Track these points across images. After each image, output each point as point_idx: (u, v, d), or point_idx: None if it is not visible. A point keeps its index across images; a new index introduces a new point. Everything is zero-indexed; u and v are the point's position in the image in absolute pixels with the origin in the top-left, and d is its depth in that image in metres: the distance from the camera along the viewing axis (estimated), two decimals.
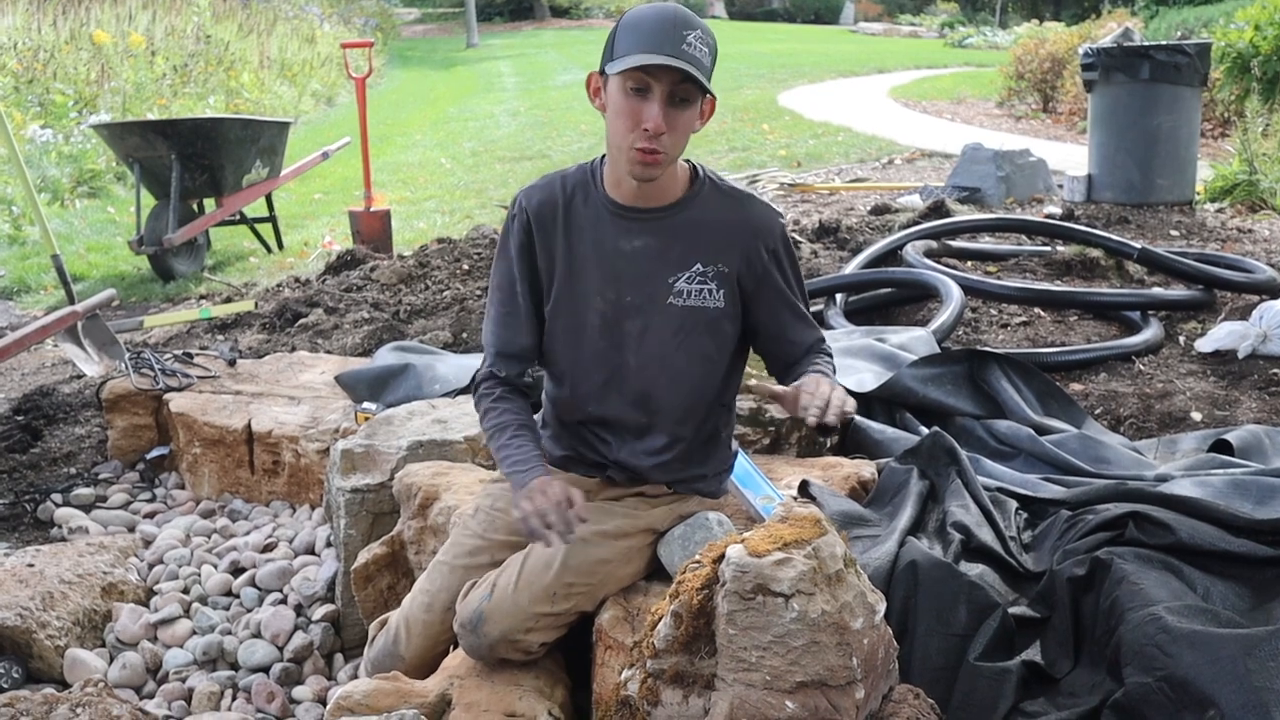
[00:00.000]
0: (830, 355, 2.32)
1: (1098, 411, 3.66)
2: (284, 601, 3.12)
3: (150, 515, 3.65)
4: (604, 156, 2.24)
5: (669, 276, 2.20)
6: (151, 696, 2.82)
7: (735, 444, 2.51)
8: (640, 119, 2.03)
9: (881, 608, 1.76)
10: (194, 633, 3.01)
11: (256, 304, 5.60)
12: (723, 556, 1.71)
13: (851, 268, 5.09)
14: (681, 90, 2.03)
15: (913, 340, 3.87)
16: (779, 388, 2.14)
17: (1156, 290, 4.89)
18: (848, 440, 3.24)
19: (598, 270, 2.21)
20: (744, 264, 2.22)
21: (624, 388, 2.25)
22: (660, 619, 1.77)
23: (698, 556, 1.80)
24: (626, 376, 2.24)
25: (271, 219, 7.92)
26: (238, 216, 7.66)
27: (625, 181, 2.16)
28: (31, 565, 3.03)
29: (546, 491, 2.03)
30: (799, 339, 2.31)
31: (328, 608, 3.05)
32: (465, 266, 5.69)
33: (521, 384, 2.31)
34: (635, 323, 2.22)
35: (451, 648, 2.27)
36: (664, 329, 2.22)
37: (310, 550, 3.31)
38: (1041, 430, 3.30)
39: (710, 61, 2.06)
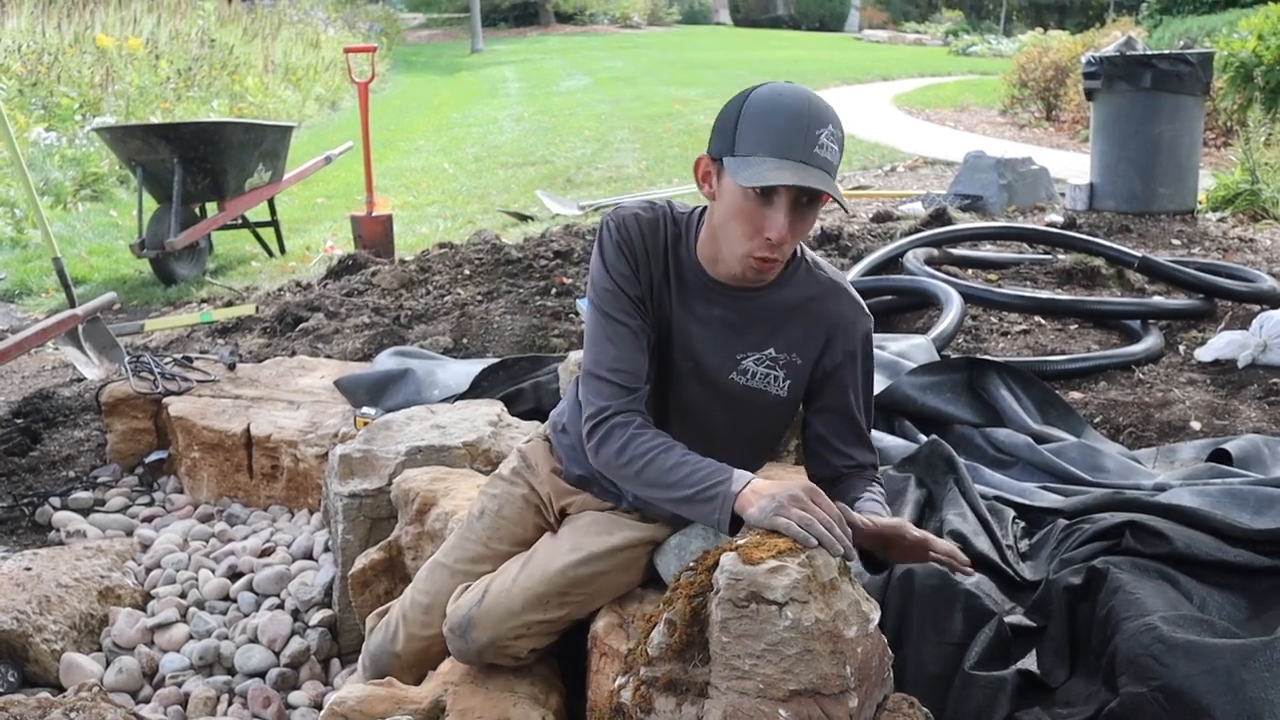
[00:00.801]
0: (882, 488, 2.15)
1: (1097, 420, 3.66)
2: (281, 606, 3.12)
3: (148, 519, 3.65)
4: (703, 211, 2.08)
5: (738, 353, 2.09)
6: (148, 701, 2.82)
7: None
8: (763, 228, 1.89)
9: (876, 616, 1.75)
10: (191, 637, 3.01)
11: (257, 308, 5.61)
12: (717, 564, 1.70)
13: (852, 275, 5.09)
14: (807, 195, 1.89)
15: (912, 348, 3.87)
16: (883, 524, 1.95)
17: (1157, 299, 4.89)
18: None
19: (669, 325, 2.09)
20: (818, 358, 2.11)
21: None
22: (654, 626, 1.77)
23: (692, 564, 1.80)
24: (670, 434, 2.05)
25: (273, 223, 7.93)
26: (240, 220, 7.68)
27: (723, 265, 2.01)
28: (29, 569, 3.04)
29: (819, 501, 1.80)
30: (848, 452, 2.15)
31: (325, 613, 3.05)
32: (466, 271, 5.69)
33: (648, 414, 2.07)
34: (689, 387, 2.12)
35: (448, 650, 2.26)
36: (715, 404, 2.12)
37: (308, 555, 3.31)
38: (1040, 439, 3.29)
39: (839, 158, 1.92)
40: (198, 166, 7.03)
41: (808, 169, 1.85)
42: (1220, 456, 3.13)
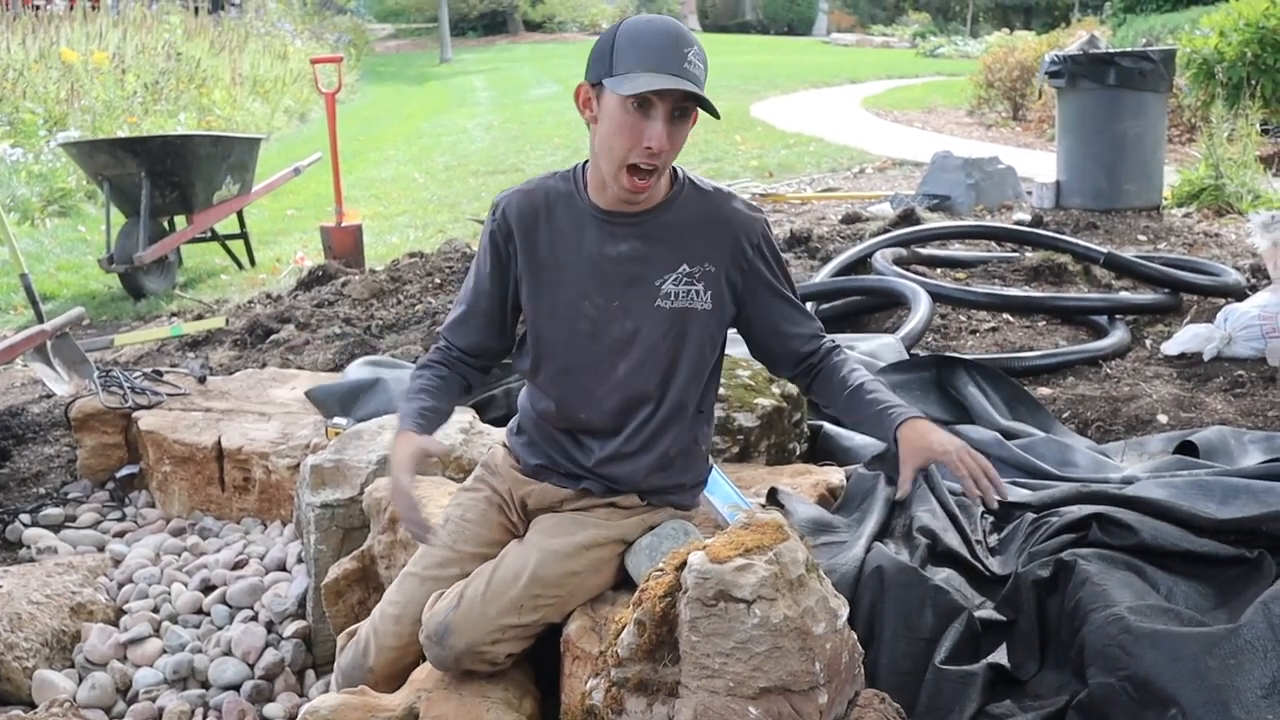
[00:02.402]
0: (844, 354, 2.38)
1: (1065, 415, 3.69)
2: (255, 619, 3.11)
3: (120, 534, 3.62)
4: (586, 163, 2.25)
5: (655, 279, 2.21)
6: (122, 717, 2.80)
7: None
8: (643, 137, 2.04)
9: (844, 612, 1.77)
10: (164, 652, 2.99)
11: (228, 321, 5.58)
12: (685, 564, 1.72)
13: (821, 276, 5.11)
14: (681, 106, 2.05)
15: (881, 347, 3.89)
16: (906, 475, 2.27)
17: (1123, 294, 4.94)
18: (817, 448, 3.26)
19: (585, 277, 2.22)
20: (730, 262, 2.24)
21: (611, 394, 2.25)
22: (624, 627, 1.78)
23: (661, 564, 1.81)
24: (615, 382, 2.24)
25: (243, 235, 7.90)
26: (209, 233, 7.64)
27: (611, 188, 2.16)
28: None
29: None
30: (798, 330, 2.33)
31: (299, 624, 3.04)
32: (437, 280, 5.69)
33: (464, 363, 2.38)
34: (624, 326, 2.23)
35: (421, 659, 2.27)
36: (653, 332, 2.22)
37: (281, 567, 3.30)
38: (1009, 435, 3.31)
39: (705, 76, 2.09)
40: (165, 180, 6.99)
41: (681, 80, 2.01)
42: (1187, 448, 3.16)
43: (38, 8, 15.10)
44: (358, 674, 2.33)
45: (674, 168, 2.25)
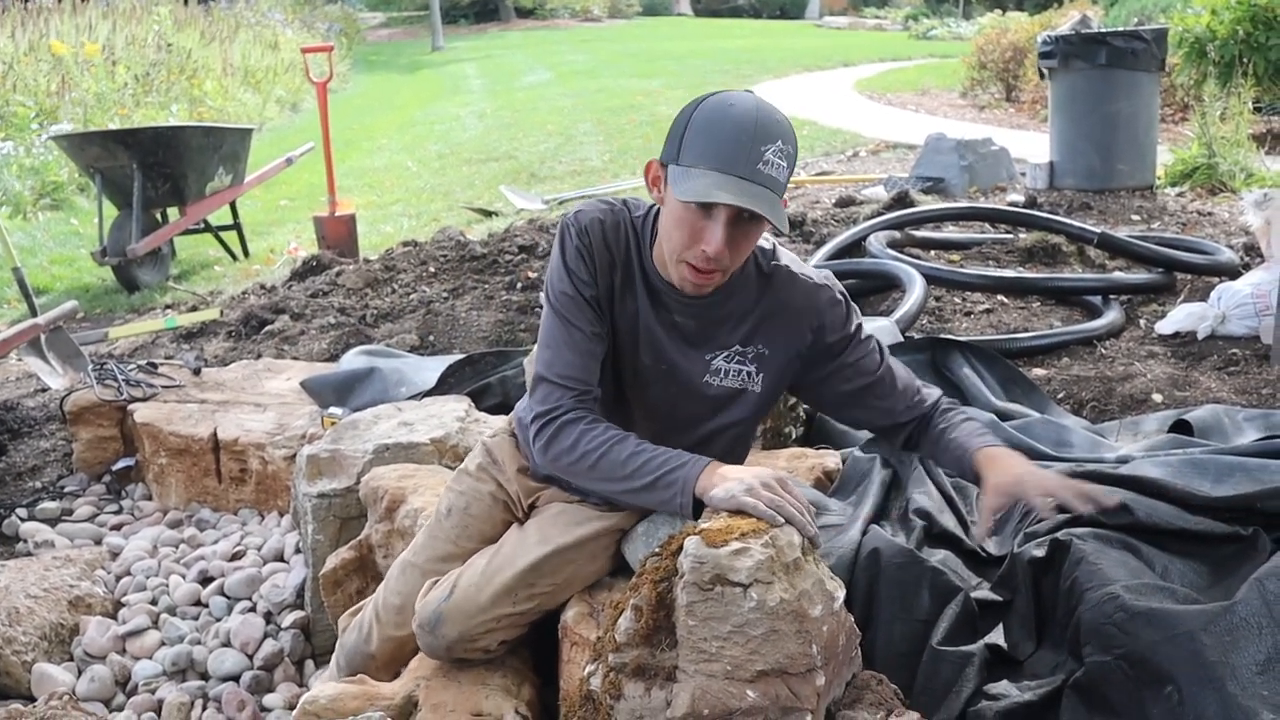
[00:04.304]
0: (951, 416, 2.21)
1: (1060, 396, 3.69)
2: (253, 609, 3.11)
3: (117, 527, 3.63)
4: (657, 216, 2.06)
5: (706, 354, 2.09)
6: (121, 709, 2.81)
7: None
8: (700, 238, 1.88)
9: (841, 594, 1.77)
10: (163, 644, 3.00)
11: (222, 312, 5.57)
12: (681, 549, 1.72)
13: (816, 260, 5.11)
14: (749, 210, 1.85)
15: (876, 330, 3.87)
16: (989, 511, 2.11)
17: (1117, 274, 4.94)
18: (813, 431, 3.26)
19: (639, 328, 2.09)
20: (793, 347, 2.12)
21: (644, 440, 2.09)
22: (621, 613, 1.78)
23: (657, 549, 1.81)
24: (650, 434, 2.05)
25: (236, 226, 7.89)
26: (202, 225, 7.63)
27: (670, 272, 2.01)
28: None
29: (788, 488, 1.84)
30: (886, 405, 2.21)
31: (297, 614, 3.05)
32: (431, 269, 5.68)
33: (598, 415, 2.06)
34: (667, 390, 2.12)
35: None
36: (696, 405, 2.13)
37: (279, 557, 3.31)
38: (1004, 416, 3.31)
39: (789, 174, 1.89)
40: (157, 172, 6.98)
41: (749, 186, 1.82)
42: (1181, 427, 3.17)
43: (26, 0, 15.01)
44: (359, 659, 2.34)
45: (760, 247, 2.09)
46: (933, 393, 2.27)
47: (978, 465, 2.12)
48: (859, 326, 2.18)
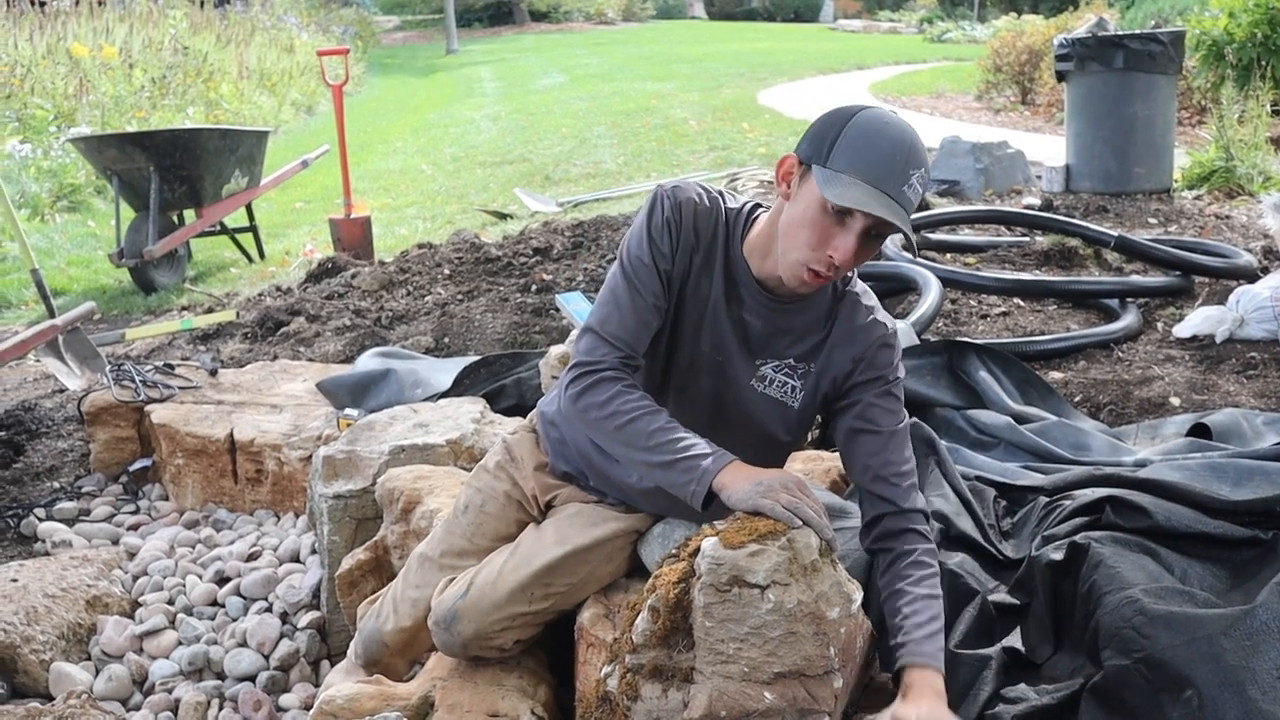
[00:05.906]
0: (918, 554, 2.03)
1: (1077, 399, 3.67)
2: (269, 610, 3.12)
3: (134, 527, 3.64)
4: (758, 209, 2.08)
5: (759, 358, 2.10)
6: (138, 708, 2.82)
7: None
8: (830, 245, 1.89)
9: (858, 597, 1.77)
10: (179, 643, 3.01)
11: (238, 314, 5.60)
12: (698, 550, 1.72)
13: None
14: (880, 228, 1.89)
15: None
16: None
17: (1134, 277, 4.92)
18: (828, 434, 3.25)
19: (706, 316, 2.09)
20: (835, 374, 2.10)
21: None
22: (638, 614, 1.78)
23: (674, 550, 1.81)
24: (685, 425, 2.01)
25: (252, 229, 7.91)
26: (218, 227, 7.65)
27: (779, 268, 1.99)
28: (15, 580, 3.03)
29: (806, 491, 1.83)
30: (877, 491, 2.08)
31: (313, 615, 3.06)
32: (446, 271, 5.69)
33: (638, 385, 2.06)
34: (713, 383, 2.12)
35: None
36: (736, 404, 2.12)
37: (295, 558, 3.31)
38: (1021, 419, 3.31)
39: (920, 199, 1.93)
40: (174, 174, 7.01)
41: (893, 204, 1.85)
42: (1200, 431, 3.15)
43: (43, 4, 15.09)
44: (375, 646, 2.36)
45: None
46: (916, 513, 2.09)
47: (901, 677, 1.88)
48: (896, 381, 2.13)
